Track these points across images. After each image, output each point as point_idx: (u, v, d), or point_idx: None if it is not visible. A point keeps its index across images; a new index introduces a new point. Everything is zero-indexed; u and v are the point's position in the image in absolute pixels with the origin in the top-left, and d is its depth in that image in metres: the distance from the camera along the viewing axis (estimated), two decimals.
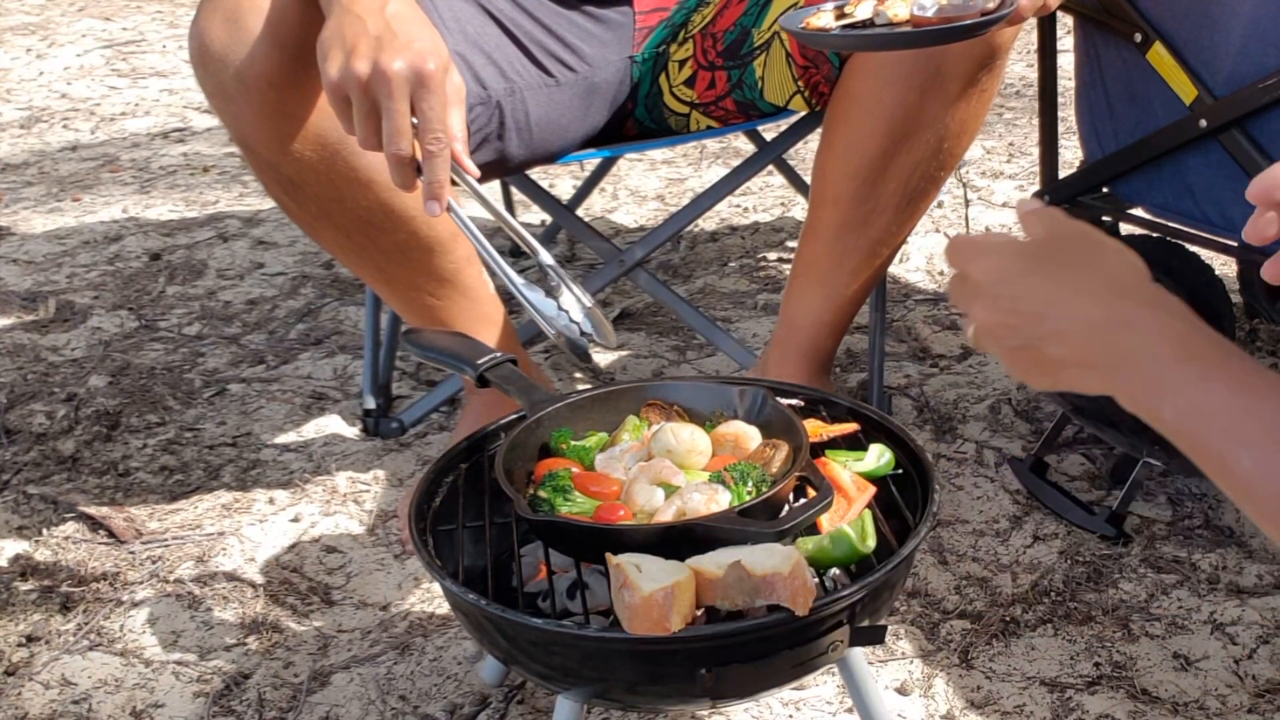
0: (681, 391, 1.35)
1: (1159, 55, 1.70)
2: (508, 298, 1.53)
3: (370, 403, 2.01)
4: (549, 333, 1.27)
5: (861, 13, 1.39)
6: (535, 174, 1.92)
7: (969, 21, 1.32)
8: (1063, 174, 1.93)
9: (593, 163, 2.58)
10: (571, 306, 1.28)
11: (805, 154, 2.84)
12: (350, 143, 1.49)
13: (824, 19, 1.41)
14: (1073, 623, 1.52)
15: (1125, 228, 1.95)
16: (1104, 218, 1.94)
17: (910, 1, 1.37)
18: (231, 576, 1.67)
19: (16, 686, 1.49)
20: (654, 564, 1.06)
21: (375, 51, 1.22)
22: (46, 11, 5.11)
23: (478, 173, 1.28)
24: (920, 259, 2.53)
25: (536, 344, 2.23)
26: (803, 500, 1.17)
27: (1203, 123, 1.67)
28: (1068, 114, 1.96)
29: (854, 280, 1.73)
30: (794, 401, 1.37)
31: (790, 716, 1.40)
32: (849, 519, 1.20)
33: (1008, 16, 1.33)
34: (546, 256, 1.30)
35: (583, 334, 1.28)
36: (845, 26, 1.39)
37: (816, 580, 1.15)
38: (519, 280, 1.27)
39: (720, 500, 1.15)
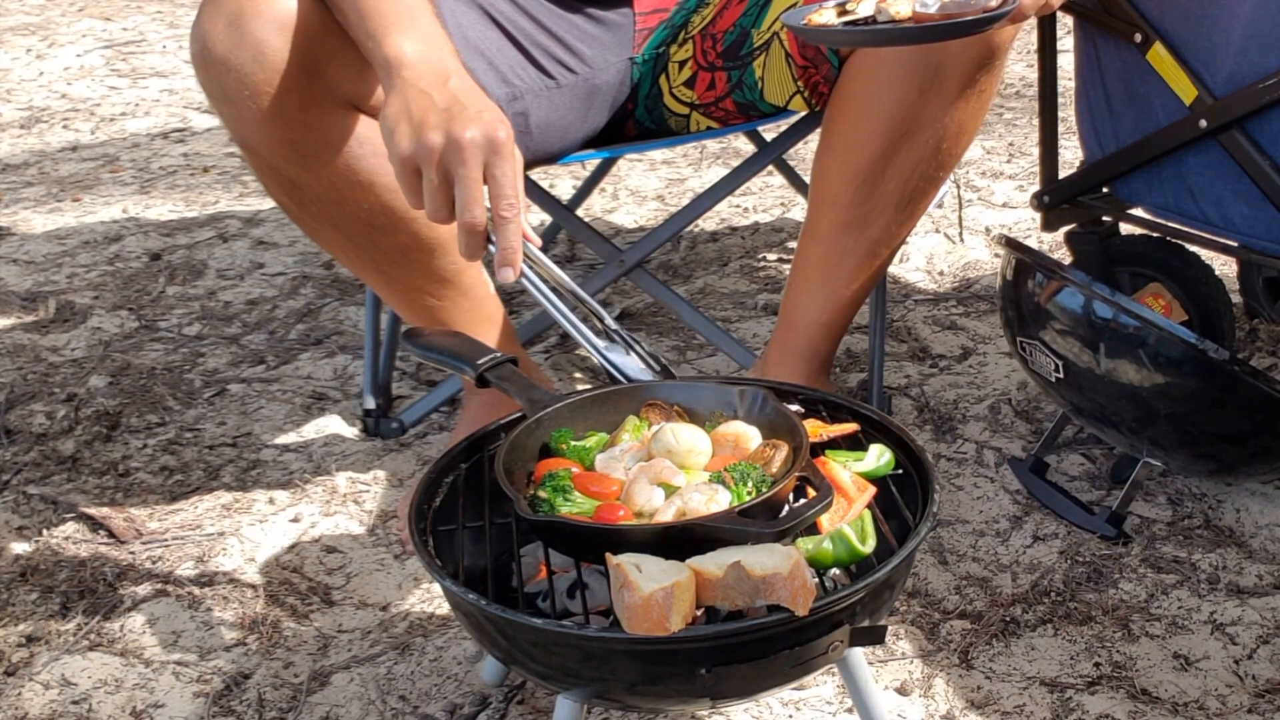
0: (681, 391, 1.34)
1: (1159, 55, 1.70)
2: (508, 298, 1.54)
3: (370, 403, 2.01)
4: None
5: (864, 10, 1.39)
6: (535, 174, 1.92)
7: (971, 18, 1.32)
8: (1063, 174, 1.93)
9: (593, 163, 2.58)
10: (640, 367, 1.34)
11: (805, 154, 2.84)
12: (351, 144, 1.50)
13: (826, 16, 1.40)
14: (1073, 623, 1.52)
15: (1125, 228, 1.95)
16: (1104, 218, 1.94)
17: None
18: (231, 576, 1.67)
19: (16, 686, 1.50)
20: (654, 564, 1.06)
21: (447, 123, 1.23)
22: (46, 11, 5.11)
23: (540, 241, 1.30)
24: (920, 259, 2.53)
25: (536, 344, 2.24)
26: (803, 500, 1.17)
27: (1203, 123, 1.67)
28: (1068, 114, 1.96)
29: (853, 280, 1.73)
30: (794, 405, 1.37)
31: (790, 716, 1.40)
32: (849, 519, 1.19)
33: (1010, 14, 1.33)
34: (612, 322, 1.34)
35: None
36: (848, 23, 1.39)
37: (816, 580, 1.15)
38: (599, 344, 1.31)
39: (720, 500, 1.15)
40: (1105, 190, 1.90)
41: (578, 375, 2.17)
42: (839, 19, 1.40)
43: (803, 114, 1.80)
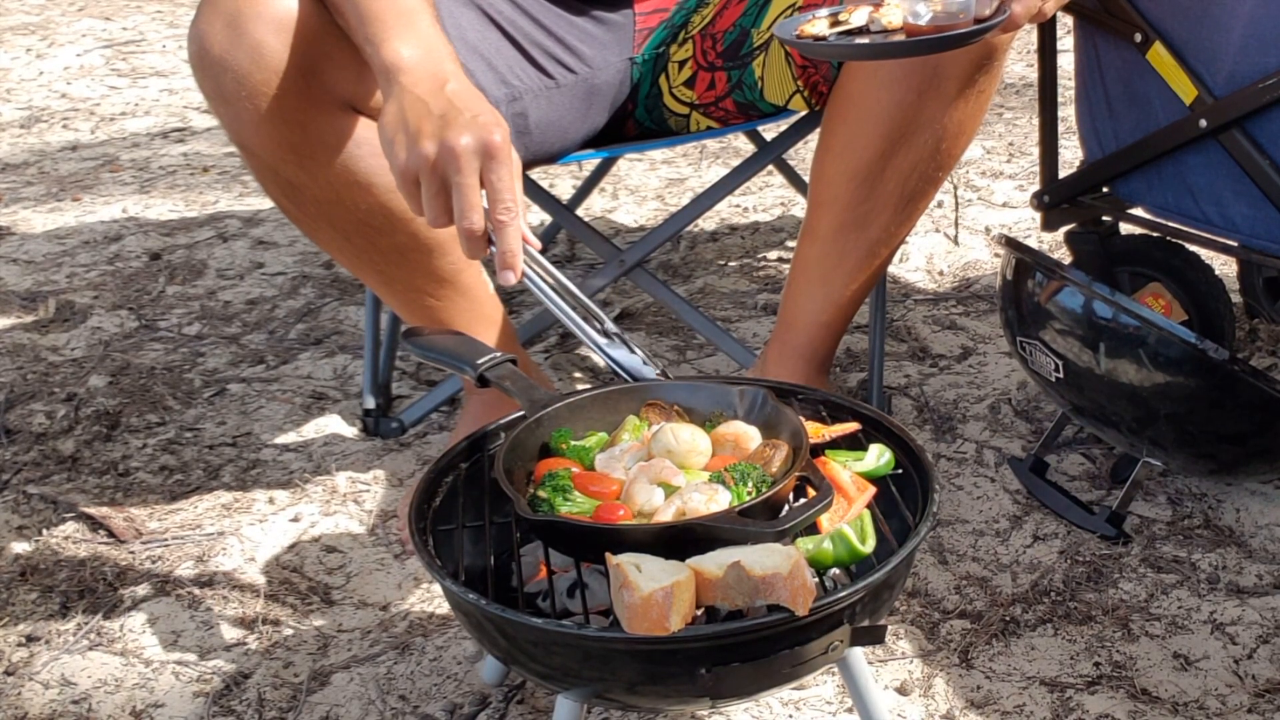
0: (681, 391, 1.35)
1: (1159, 55, 1.70)
2: (507, 298, 1.54)
3: (370, 403, 2.01)
4: None
5: (856, 20, 1.39)
6: (535, 174, 1.92)
7: (962, 30, 1.32)
8: (1063, 174, 1.93)
9: (593, 163, 2.58)
10: (640, 365, 1.37)
11: (805, 154, 2.84)
12: (349, 145, 1.50)
13: (819, 26, 1.40)
14: (1073, 623, 1.52)
15: (1125, 228, 1.95)
16: (1104, 218, 1.94)
17: (905, 9, 1.37)
18: (231, 576, 1.67)
19: (16, 686, 1.50)
20: (654, 564, 1.06)
21: (441, 130, 1.23)
22: (46, 11, 5.11)
23: (539, 244, 1.30)
24: (920, 259, 2.53)
25: (536, 344, 2.24)
26: (803, 500, 1.17)
27: (1203, 123, 1.67)
28: (1068, 114, 1.96)
29: (853, 281, 1.73)
30: (794, 403, 1.37)
31: (790, 716, 1.40)
32: (849, 519, 1.20)
33: (1001, 24, 1.33)
34: (611, 324, 1.36)
35: None
36: (840, 34, 1.39)
37: (816, 580, 1.15)
38: (602, 342, 1.33)
39: (720, 500, 1.15)
40: (1105, 190, 1.89)
41: (578, 375, 2.17)
42: (832, 29, 1.40)
43: (803, 114, 1.80)
